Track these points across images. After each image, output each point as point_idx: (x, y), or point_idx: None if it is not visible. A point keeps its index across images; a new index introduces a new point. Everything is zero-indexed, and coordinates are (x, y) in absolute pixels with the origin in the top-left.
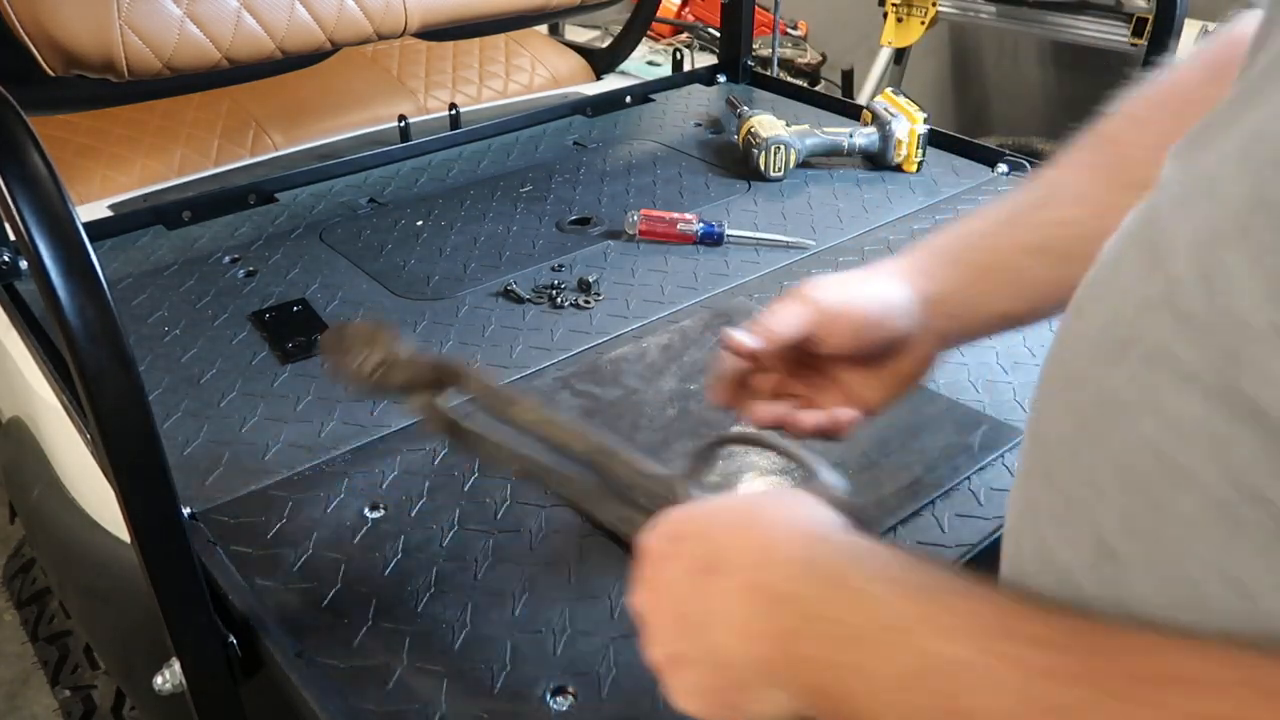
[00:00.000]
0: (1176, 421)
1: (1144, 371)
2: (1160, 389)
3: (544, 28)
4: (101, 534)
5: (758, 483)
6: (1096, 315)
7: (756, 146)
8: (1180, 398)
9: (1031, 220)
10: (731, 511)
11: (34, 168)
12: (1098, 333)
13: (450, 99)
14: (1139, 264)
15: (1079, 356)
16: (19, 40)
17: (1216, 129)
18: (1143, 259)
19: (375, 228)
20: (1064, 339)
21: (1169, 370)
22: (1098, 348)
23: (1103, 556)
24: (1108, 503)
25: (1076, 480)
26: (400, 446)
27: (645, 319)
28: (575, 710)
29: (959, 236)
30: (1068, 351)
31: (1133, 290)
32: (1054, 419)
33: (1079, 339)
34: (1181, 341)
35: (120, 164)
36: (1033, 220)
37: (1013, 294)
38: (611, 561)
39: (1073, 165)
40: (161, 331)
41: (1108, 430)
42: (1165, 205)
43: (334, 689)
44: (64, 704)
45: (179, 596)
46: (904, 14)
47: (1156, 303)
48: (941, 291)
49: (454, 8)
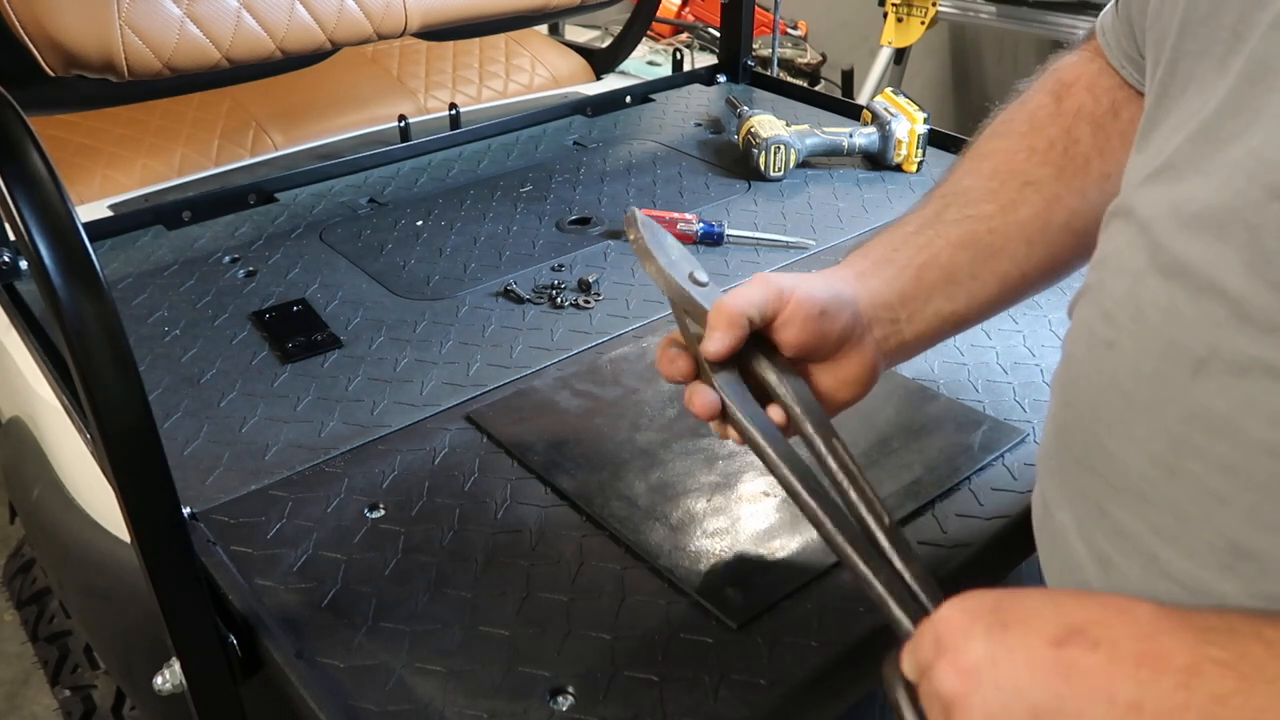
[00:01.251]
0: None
1: (1235, 382)
2: (1259, 393)
3: (544, 28)
4: (101, 534)
5: (758, 483)
6: (1142, 345)
7: (756, 146)
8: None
9: (950, 218)
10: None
11: (34, 168)
12: (1157, 361)
13: (450, 99)
14: (1176, 292)
15: (1139, 385)
16: (19, 40)
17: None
18: (1179, 286)
19: (375, 228)
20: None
21: (1263, 375)
22: (1160, 374)
23: (1237, 557)
24: (1232, 507)
25: (1185, 495)
26: (400, 446)
27: (645, 319)
28: (575, 710)
29: (885, 241)
30: (1121, 384)
31: (1183, 315)
32: (1136, 446)
33: (1128, 371)
34: (1271, 348)
35: (120, 164)
36: (951, 218)
37: (948, 292)
38: (611, 561)
39: (969, 174)
40: (161, 331)
41: (1211, 441)
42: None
43: (334, 689)
44: (64, 704)
45: (179, 596)
46: (904, 14)
47: (1223, 320)
48: (879, 292)
49: (454, 8)
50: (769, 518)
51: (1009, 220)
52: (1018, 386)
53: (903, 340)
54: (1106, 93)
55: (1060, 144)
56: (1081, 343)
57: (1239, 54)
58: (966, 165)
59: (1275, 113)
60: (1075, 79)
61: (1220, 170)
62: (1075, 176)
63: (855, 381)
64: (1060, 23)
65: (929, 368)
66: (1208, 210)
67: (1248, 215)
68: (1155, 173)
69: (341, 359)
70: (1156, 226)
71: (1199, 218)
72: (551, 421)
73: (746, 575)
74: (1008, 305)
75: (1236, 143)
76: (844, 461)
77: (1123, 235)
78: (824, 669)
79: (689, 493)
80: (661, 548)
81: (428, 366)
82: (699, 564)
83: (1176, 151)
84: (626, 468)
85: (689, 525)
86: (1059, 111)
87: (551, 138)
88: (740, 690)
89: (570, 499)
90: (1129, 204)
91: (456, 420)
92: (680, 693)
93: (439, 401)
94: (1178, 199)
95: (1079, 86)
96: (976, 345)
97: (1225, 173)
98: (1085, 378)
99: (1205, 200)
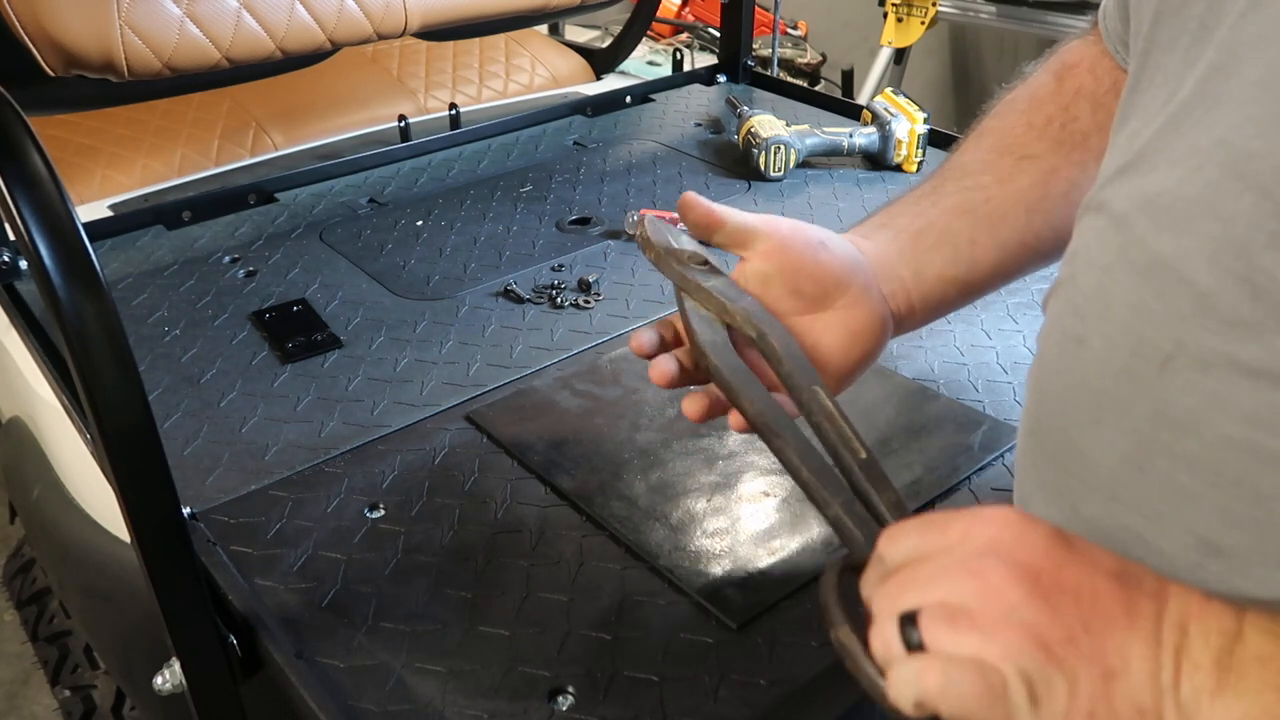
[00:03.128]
0: (1255, 413)
1: (1200, 378)
2: (1224, 389)
3: (544, 28)
4: (101, 534)
5: (758, 482)
6: (1111, 341)
7: (756, 146)
8: (1255, 392)
9: (947, 190)
10: None
11: (34, 168)
12: (1126, 357)
13: (450, 99)
14: (1144, 286)
15: (1108, 382)
16: (19, 40)
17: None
18: (1147, 281)
19: (375, 228)
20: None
21: (1228, 370)
22: (1129, 370)
23: (1208, 554)
24: (1201, 504)
25: (1154, 495)
26: (400, 446)
27: (645, 319)
28: (575, 710)
29: (882, 212)
30: (1090, 381)
31: (1151, 309)
32: (1105, 444)
33: (1097, 367)
34: (1236, 343)
35: (120, 164)
36: (949, 189)
37: (948, 255)
38: (611, 561)
39: (967, 150)
40: (161, 331)
41: (1178, 438)
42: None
43: (334, 689)
44: (64, 704)
45: (179, 596)
46: (904, 14)
47: (1189, 314)
48: (880, 249)
49: (454, 8)
50: (769, 518)
51: (1006, 190)
52: (1018, 386)
53: (910, 301)
54: (1108, 73)
55: (1058, 119)
56: (1053, 339)
57: (1207, 44)
58: (967, 143)
59: (1241, 99)
60: (1078, 61)
61: (1188, 159)
62: (1074, 150)
63: (867, 332)
64: (1060, 23)
65: (929, 368)
66: (1177, 202)
67: (1219, 206)
68: (1126, 165)
69: (341, 359)
70: (1130, 220)
71: (1168, 210)
72: (551, 421)
73: (746, 575)
74: (1014, 275)
75: (1201, 130)
76: (822, 402)
77: (1093, 230)
78: (824, 669)
79: (689, 493)
80: (661, 548)
81: (428, 366)
82: (699, 564)
83: (1147, 144)
84: (626, 468)
85: (689, 525)
86: (1059, 90)
87: (551, 138)
88: (740, 690)
89: (570, 499)
90: (1101, 198)
91: (456, 420)
92: (680, 693)
93: (439, 401)
94: (1149, 190)
95: (1081, 68)
96: (976, 345)
97: (1193, 161)
98: (1056, 375)
99: (1175, 191)
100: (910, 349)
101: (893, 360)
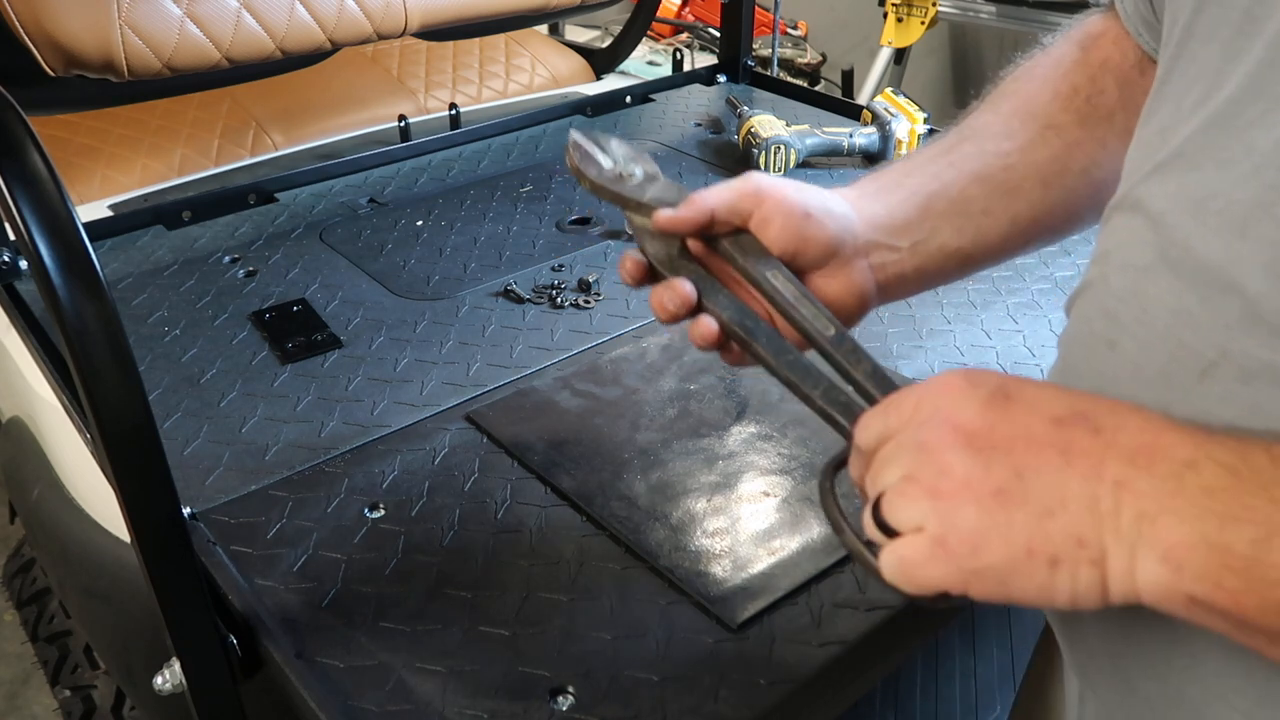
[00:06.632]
0: None
1: (1241, 389)
2: (1267, 401)
3: (544, 28)
4: (101, 534)
5: (758, 482)
6: (1146, 346)
7: (756, 146)
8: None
9: (967, 150)
10: None
11: (34, 168)
12: (1162, 362)
13: (450, 99)
14: (1187, 290)
15: (1140, 388)
16: (19, 40)
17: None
18: (1191, 285)
19: (375, 228)
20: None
21: (1272, 383)
22: (1165, 376)
23: None
24: None
25: None
26: (400, 446)
27: (645, 319)
28: (575, 710)
29: (898, 167)
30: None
31: (1193, 315)
32: None
33: (1130, 372)
34: None
35: (120, 164)
36: (969, 151)
37: (958, 225)
38: (611, 561)
39: (988, 111)
40: (161, 331)
41: None
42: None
43: (334, 689)
44: (64, 704)
45: (179, 596)
46: (904, 14)
47: (1235, 322)
48: (880, 216)
49: (454, 8)
50: (769, 518)
51: (1026, 160)
52: None
53: (902, 272)
54: (1132, 49)
55: (1085, 91)
56: (1080, 342)
57: (1254, 37)
58: (987, 104)
59: None
60: (1102, 32)
61: (1243, 161)
62: (1098, 125)
63: (837, 304)
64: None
65: (929, 368)
66: (1231, 205)
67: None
68: (1164, 162)
69: (341, 359)
70: (1169, 220)
71: (1220, 213)
72: (551, 421)
73: (746, 575)
74: (1016, 250)
75: (1259, 131)
76: (785, 284)
77: (1128, 229)
78: (824, 669)
79: (689, 493)
80: (661, 548)
81: (428, 366)
82: (699, 564)
83: (1188, 140)
84: (626, 468)
85: (689, 525)
86: (1085, 60)
87: (551, 138)
88: (740, 690)
89: (570, 499)
90: (1135, 196)
91: (456, 420)
92: (680, 693)
93: (439, 401)
94: (1194, 191)
95: (1105, 39)
96: (976, 345)
97: (1250, 163)
98: (1081, 379)
99: (1228, 194)
100: (910, 349)
101: (893, 360)
